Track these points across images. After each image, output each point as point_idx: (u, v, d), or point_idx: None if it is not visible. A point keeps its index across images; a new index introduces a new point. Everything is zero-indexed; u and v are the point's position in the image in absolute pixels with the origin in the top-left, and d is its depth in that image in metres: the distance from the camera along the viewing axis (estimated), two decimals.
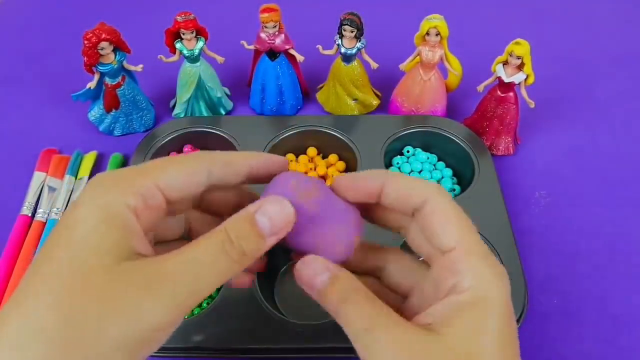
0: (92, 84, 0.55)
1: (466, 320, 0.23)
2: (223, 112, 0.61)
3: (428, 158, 0.56)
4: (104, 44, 0.52)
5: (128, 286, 0.21)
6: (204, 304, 0.45)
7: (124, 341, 0.21)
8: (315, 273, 0.25)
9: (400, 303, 0.28)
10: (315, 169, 0.55)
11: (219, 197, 0.29)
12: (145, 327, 0.21)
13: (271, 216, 0.24)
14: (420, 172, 0.55)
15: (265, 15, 0.53)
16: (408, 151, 0.56)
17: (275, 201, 0.25)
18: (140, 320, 0.21)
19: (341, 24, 0.54)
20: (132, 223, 0.23)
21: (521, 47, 0.50)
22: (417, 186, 0.26)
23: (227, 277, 0.24)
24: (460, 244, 0.24)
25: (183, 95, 0.58)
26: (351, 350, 0.42)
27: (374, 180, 0.27)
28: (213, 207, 0.30)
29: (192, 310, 0.45)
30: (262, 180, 0.28)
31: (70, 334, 0.20)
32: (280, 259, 0.48)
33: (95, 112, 0.58)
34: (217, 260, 0.23)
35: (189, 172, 0.25)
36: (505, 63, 0.52)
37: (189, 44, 0.55)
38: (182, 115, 0.60)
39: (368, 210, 0.29)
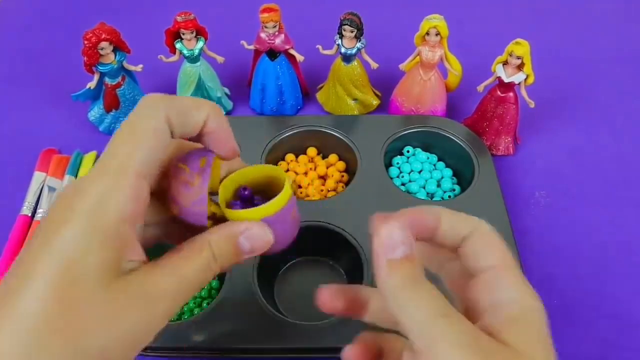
0: (92, 84, 0.55)
1: (521, 329, 0.24)
2: (223, 112, 0.61)
3: (428, 158, 0.56)
4: (104, 44, 0.52)
5: (122, 303, 0.22)
6: (204, 304, 0.45)
7: (108, 351, 0.22)
8: (396, 242, 0.24)
9: None
10: (315, 169, 0.55)
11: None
12: (130, 339, 0.22)
13: (254, 242, 0.26)
14: (420, 172, 0.55)
15: (265, 15, 0.53)
16: (408, 151, 0.56)
17: (261, 228, 0.26)
18: (128, 334, 0.22)
19: (341, 24, 0.54)
20: (125, 235, 0.23)
21: (521, 47, 0.50)
22: (466, 218, 0.27)
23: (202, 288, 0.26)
24: (502, 262, 0.26)
25: (183, 95, 0.58)
26: None
27: (430, 215, 0.27)
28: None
29: (192, 310, 0.45)
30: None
31: (54, 340, 0.21)
32: (279, 259, 0.48)
33: (95, 112, 0.58)
34: (202, 277, 0.25)
35: (156, 139, 0.25)
36: (505, 63, 0.52)
37: (189, 44, 0.55)
38: None
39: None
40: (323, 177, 0.55)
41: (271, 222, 0.26)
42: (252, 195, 0.28)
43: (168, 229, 0.28)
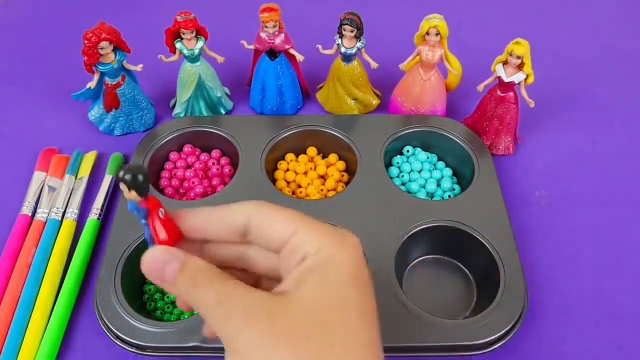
0: (92, 84, 0.55)
1: (314, 277, 0.25)
2: (223, 112, 0.61)
3: (428, 158, 0.56)
4: (104, 43, 0.52)
5: None
6: None
7: None
8: (164, 263, 0.25)
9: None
10: (315, 169, 0.55)
11: None
12: None
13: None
14: (420, 171, 0.55)
15: (265, 15, 0.53)
16: (408, 151, 0.56)
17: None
18: None
19: (341, 24, 0.54)
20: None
21: (521, 47, 0.50)
22: (236, 209, 0.27)
23: None
24: (297, 230, 0.26)
25: (183, 94, 0.58)
26: None
27: (197, 218, 0.28)
28: None
29: (192, 310, 0.45)
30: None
31: None
32: None
33: (95, 111, 0.58)
34: None
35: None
36: (505, 63, 0.52)
37: (189, 44, 0.55)
38: (182, 115, 0.60)
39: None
40: (323, 177, 0.55)
41: None
42: None
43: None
